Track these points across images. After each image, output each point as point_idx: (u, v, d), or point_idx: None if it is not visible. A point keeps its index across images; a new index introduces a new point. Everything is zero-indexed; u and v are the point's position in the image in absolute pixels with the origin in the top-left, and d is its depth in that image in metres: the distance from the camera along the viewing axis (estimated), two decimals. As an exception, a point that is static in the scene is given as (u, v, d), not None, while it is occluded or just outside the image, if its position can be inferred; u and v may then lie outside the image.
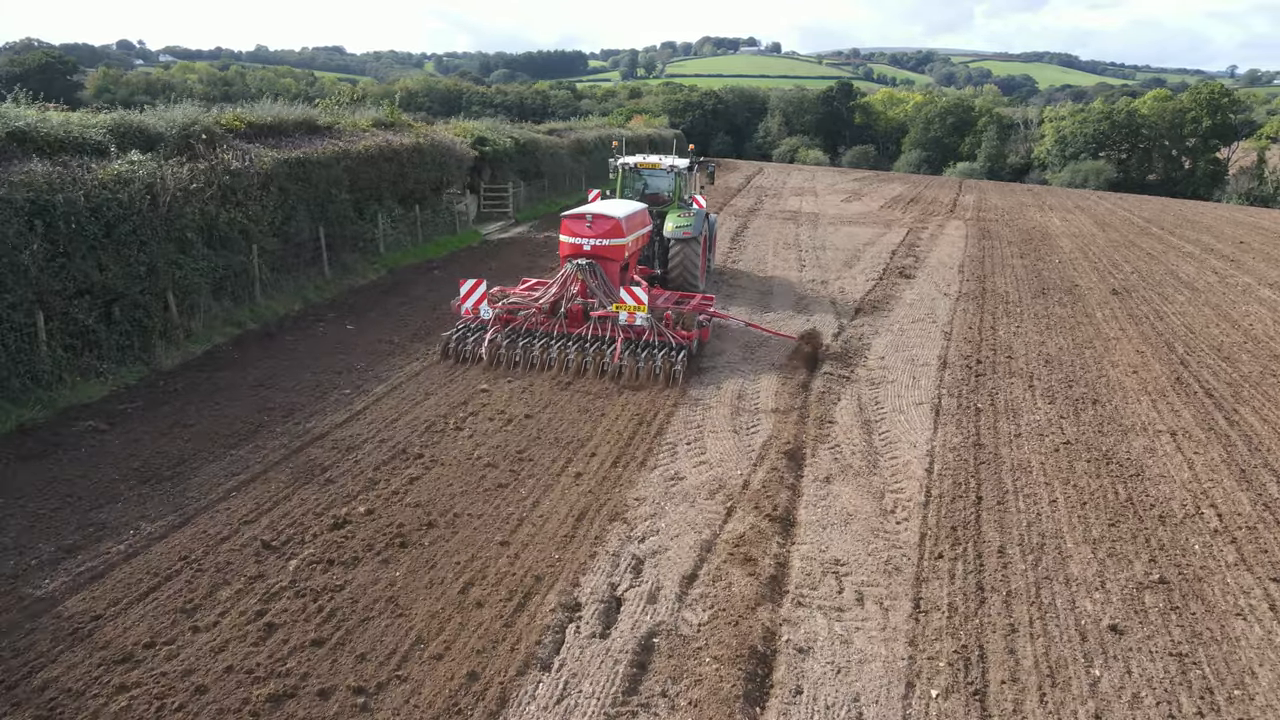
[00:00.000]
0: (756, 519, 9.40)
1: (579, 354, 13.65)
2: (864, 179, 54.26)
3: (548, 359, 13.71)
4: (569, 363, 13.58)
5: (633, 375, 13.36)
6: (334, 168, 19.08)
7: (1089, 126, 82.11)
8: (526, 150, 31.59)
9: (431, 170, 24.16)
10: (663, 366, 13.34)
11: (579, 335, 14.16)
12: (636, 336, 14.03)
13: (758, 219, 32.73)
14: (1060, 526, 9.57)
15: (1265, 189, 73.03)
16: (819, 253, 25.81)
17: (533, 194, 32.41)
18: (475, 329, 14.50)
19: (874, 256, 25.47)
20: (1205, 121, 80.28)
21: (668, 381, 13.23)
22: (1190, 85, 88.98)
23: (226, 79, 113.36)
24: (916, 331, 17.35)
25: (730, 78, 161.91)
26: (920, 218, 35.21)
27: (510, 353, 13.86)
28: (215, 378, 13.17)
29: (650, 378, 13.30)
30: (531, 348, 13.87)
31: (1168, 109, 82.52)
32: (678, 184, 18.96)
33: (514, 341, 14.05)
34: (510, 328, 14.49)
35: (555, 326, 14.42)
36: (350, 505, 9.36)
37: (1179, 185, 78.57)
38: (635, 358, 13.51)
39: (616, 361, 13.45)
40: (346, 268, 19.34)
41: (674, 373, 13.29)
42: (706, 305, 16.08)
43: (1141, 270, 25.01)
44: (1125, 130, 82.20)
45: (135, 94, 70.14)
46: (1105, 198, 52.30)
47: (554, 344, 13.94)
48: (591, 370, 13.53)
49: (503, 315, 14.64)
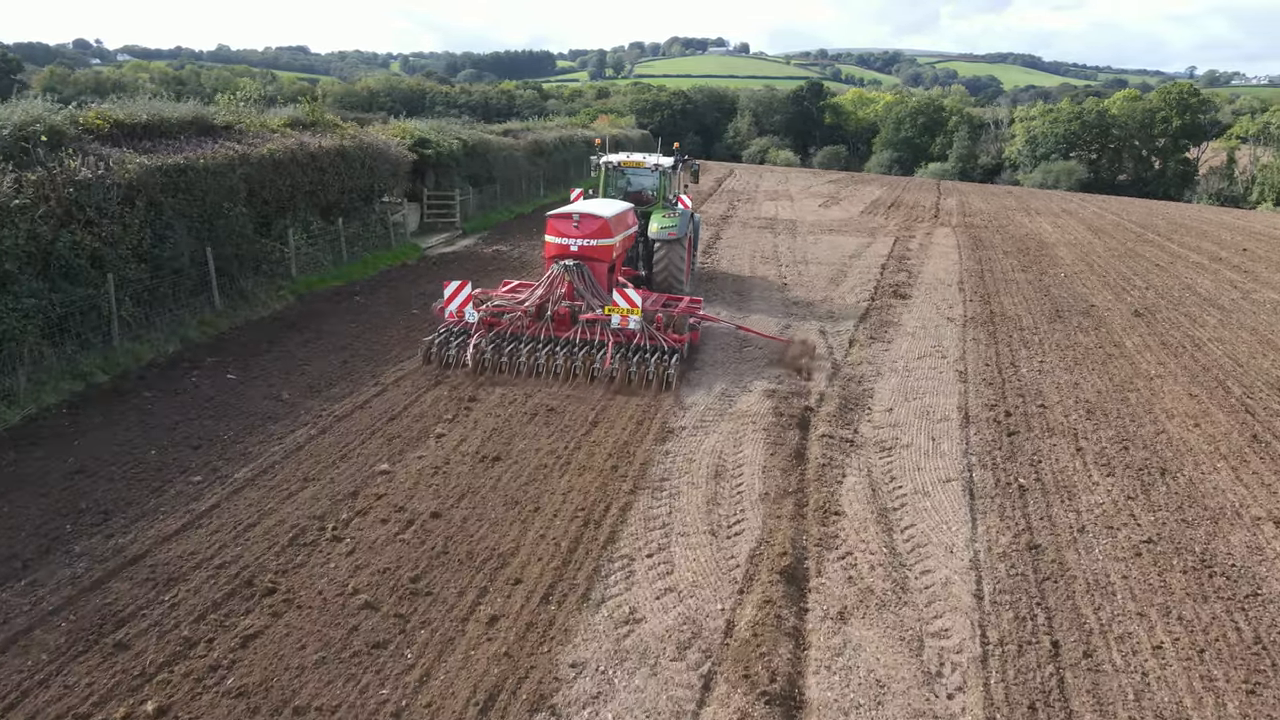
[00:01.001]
0: (747, 700, 6.30)
1: (568, 359, 12.91)
2: (839, 181, 51.46)
3: (536, 364, 12.94)
4: (557, 369, 12.86)
5: (625, 380, 12.61)
6: (228, 176, 15.67)
7: (1059, 127, 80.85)
8: (476, 153, 28.23)
9: (360, 176, 20.78)
10: (656, 371, 12.63)
11: (567, 339, 13.43)
12: (627, 340, 13.40)
13: (731, 227, 29.68)
14: (1180, 696, 6.58)
15: (1236, 189, 72.28)
16: (801, 267, 22.79)
17: (484, 201, 29.08)
18: (458, 333, 13.73)
19: (862, 272, 22.50)
20: (1175, 121, 79.36)
21: (660, 387, 12.55)
22: (1151, 85, 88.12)
23: (181, 78, 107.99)
24: (925, 370, 14.37)
25: (699, 78, 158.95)
26: (905, 224, 32.38)
27: (496, 358, 13.04)
28: (23, 461, 9.77)
29: (643, 383, 12.58)
30: (519, 353, 13.05)
31: (1137, 109, 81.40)
32: (662, 183, 18.28)
33: (499, 346, 13.23)
34: (495, 332, 13.64)
35: (542, 330, 13.63)
36: (134, 700, 6.09)
37: (1149, 185, 77.60)
38: (627, 362, 12.84)
39: (608, 366, 12.75)
40: (245, 296, 15.94)
41: (667, 377, 12.64)
42: (695, 308, 15.38)
43: (1157, 286, 22.29)
44: (1096, 130, 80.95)
45: (83, 93, 65.56)
46: (1088, 200, 50.04)
47: (541, 348, 13.16)
48: (582, 375, 12.81)
49: (486, 319, 13.78)
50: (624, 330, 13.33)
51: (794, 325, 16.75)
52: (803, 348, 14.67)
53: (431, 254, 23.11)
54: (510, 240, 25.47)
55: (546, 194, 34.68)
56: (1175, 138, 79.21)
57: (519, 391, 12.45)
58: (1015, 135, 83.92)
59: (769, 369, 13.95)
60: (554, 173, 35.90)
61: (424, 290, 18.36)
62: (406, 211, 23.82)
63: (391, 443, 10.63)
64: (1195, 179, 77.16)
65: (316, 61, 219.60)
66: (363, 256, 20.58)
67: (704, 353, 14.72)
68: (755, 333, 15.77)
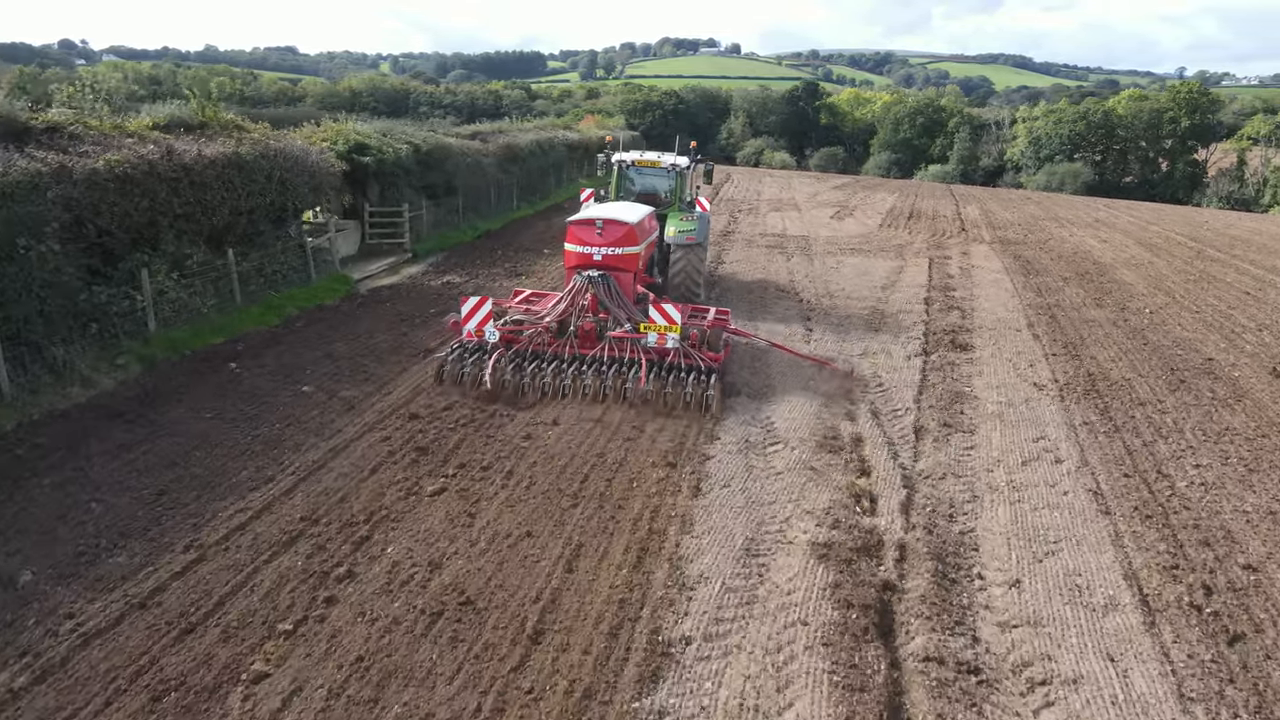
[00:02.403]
0: None
1: (596, 379, 11.42)
2: (846, 187, 46.45)
3: (562, 386, 11.41)
4: (585, 388, 11.34)
5: (661, 402, 11.13)
6: (31, 200, 10.68)
7: (1064, 127, 76.82)
8: (433, 160, 23.13)
9: (265, 193, 15.81)
10: (694, 394, 11.14)
11: (594, 357, 11.87)
12: (659, 358, 11.87)
13: (735, 246, 24.73)
14: None
15: (1246, 191, 68.43)
16: (826, 303, 17.88)
17: (443, 217, 24.00)
18: (474, 349, 12.09)
19: (903, 308, 17.60)
20: (1184, 122, 75.26)
21: (701, 409, 11.03)
22: (1143, 86, 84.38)
23: (157, 77, 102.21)
24: (1041, 489, 9.51)
25: (690, 78, 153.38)
26: (933, 240, 27.49)
27: (517, 378, 11.45)
28: None
29: (683, 406, 11.09)
30: (543, 373, 11.55)
31: (1144, 109, 77.08)
32: (678, 184, 16.64)
33: (520, 366, 11.69)
34: (514, 350, 12.02)
35: (564, 347, 12.07)
36: None
37: (1156, 188, 73.80)
38: (661, 381, 11.40)
39: (642, 387, 11.20)
40: (57, 371, 10.95)
41: (708, 399, 11.10)
42: (724, 320, 13.65)
43: (1272, 327, 17.45)
44: (1101, 131, 76.70)
45: (44, 94, 60.13)
46: (1114, 206, 45.32)
47: (567, 367, 11.68)
48: (612, 398, 11.26)
49: (505, 335, 12.16)
50: (659, 349, 11.84)
51: (832, 406, 11.83)
52: (846, 379, 12.85)
53: (365, 288, 18.07)
54: (468, 267, 20.44)
55: (521, 206, 29.56)
56: (1183, 139, 75.25)
57: (420, 559, 7.54)
58: (1017, 136, 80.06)
59: (808, 494, 9.05)
60: (530, 181, 30.79)
61: (333, 348, 13.39)
62: (336, 234, 18.78)
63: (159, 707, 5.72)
64: (1204, 181, 73.27)
65: (305, 62, 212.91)
66: (265, 297, 15.57)
67: (713, 450, 9.83)
68: (800, 355, 13.72)
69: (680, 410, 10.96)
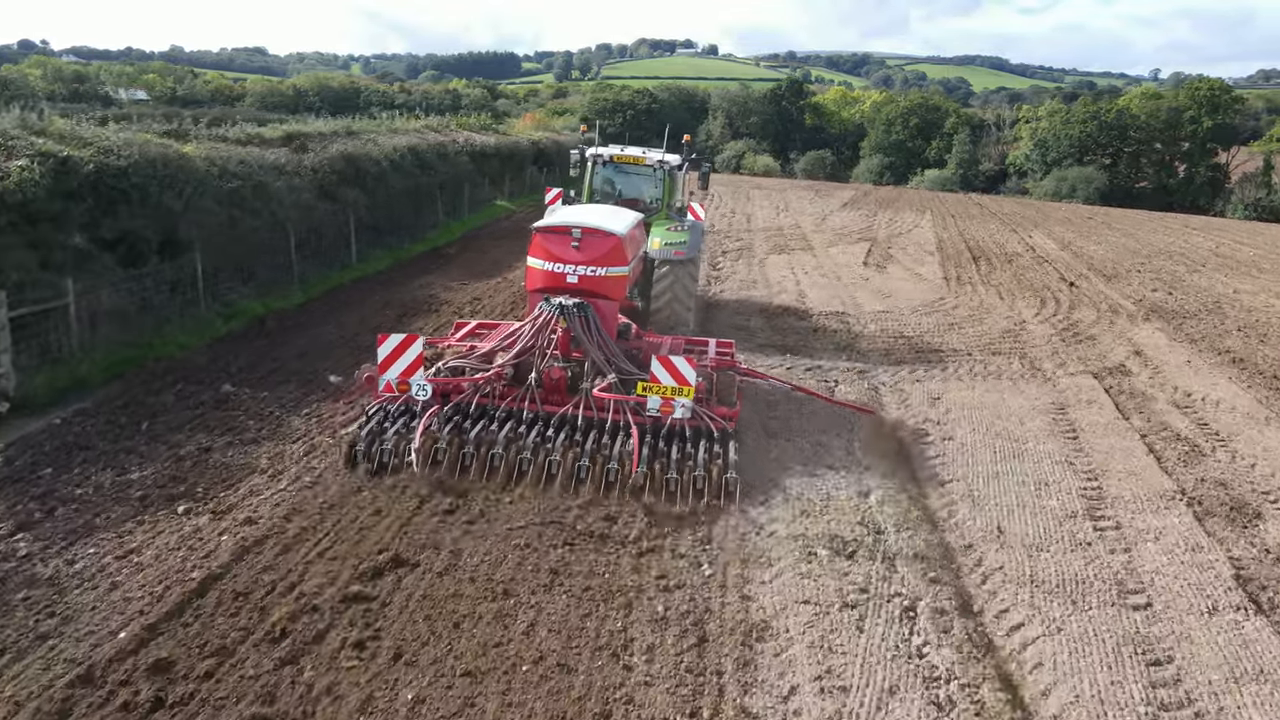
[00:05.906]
0: None
1: (567, 452, 7.53)
2: (857, 203, 34.60)
3: (520, 461, 7.38)
4: (552, 465, 7.39)
5: (663, 490, 7.25)
6: None
7: (1073, 129, 66.24)
8: (126, 185, 11.10)
9: None
10: (708, 474, 7.31)
11: (561, 416, 7.98)
12: (654, 421, 7.92)
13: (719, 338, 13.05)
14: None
15: (1275, 198, 58.60)
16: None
17: (147, 301, 12.02)
18: (399, 414, 7.87)
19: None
20: (1205, 122, 65.08)
21: (720, 497, 7.22)
22: (1119, 88, 75.37)
23: (81, 75, 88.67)
24: None
25: (667, 79, 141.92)
26: (1046, 313, 15.91)
27: (455, 449, 7.44)
28: None
29: (693, 495, 7.21)
30: (493, 438, 7.52)
31: (1160, 108, 66.73)
32: (666, 187, 13.13)
33: (460, 427, 7.75)
34: (452, 405, 8.00)
35: (523, 401, 8.02)
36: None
37: (1174, 194, 63.95)
38: (659, 456, 7.53)
39: (635, 469, 7.33)
40: None
41: (727, 482, 7.31)
42: (728, 359, 9.72)
43: None
44: (1114, 132, 66.19)
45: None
46: (1190, 222, 34.16)
47: (528, 433, 7.73)
48: (590, 480, 7.33)
49: (441, 386, 8.14)
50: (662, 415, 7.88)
51: None
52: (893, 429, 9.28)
53: None
54: (138, 456, 8.52)
55: (361, 260, 17.31)
56: (1203, 141, 65.21)
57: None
58: (1020, 138, 70.07)
59: None
60: (395, 209, 18.58)
61: None
62: None
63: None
64: (1227, 187, 63.63)
65: (275, 63, 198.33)
66: None
67: None
68: (825, 399, 9.79)
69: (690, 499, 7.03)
